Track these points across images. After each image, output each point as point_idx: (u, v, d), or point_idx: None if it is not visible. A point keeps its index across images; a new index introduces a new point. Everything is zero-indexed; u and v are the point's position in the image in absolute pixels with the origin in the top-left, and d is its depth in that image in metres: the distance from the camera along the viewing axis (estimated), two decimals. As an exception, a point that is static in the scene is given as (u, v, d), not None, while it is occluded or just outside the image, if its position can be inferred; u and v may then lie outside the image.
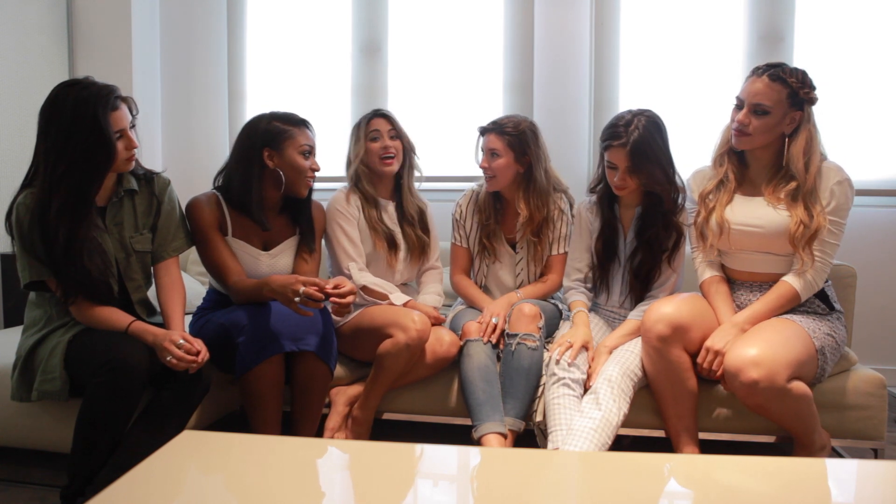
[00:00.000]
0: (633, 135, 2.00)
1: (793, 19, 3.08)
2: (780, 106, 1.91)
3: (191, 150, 3.61)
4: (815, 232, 1.89)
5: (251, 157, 2.07)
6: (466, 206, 2.40)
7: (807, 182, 1.91)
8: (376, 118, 2.33)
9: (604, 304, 2.28)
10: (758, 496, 1.27)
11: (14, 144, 3.01)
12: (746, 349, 1.80)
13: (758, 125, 1.92)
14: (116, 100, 1.78)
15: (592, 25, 3.25)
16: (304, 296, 1.83)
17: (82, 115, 1.73)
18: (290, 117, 2.13)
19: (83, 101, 1.73)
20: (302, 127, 2.12)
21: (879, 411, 2.01)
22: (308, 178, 2.12)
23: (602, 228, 2.20)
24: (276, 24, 3.55)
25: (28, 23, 3.13)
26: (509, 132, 2.24)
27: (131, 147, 1.82)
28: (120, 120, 1.79)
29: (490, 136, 2.27)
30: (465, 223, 2.39)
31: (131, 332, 1.77)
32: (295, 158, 2.08)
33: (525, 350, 2.07)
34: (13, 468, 2.12)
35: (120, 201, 1.90)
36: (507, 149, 2.24)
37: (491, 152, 2.26)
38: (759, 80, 1.93)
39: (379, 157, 2.31)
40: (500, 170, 2.25)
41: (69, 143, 1.73)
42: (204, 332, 2.05)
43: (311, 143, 2.13)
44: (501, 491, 1.30)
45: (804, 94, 1.91)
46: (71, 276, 1.75)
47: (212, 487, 1.32)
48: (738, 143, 1.98)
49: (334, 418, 2.17)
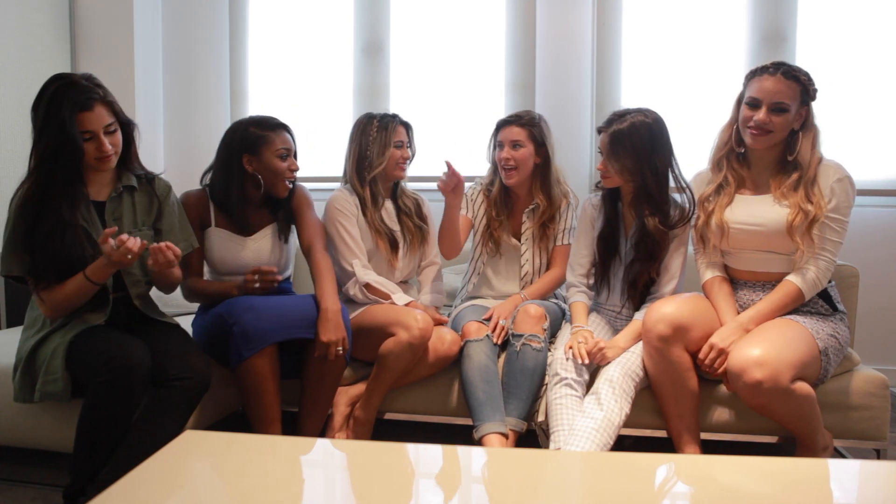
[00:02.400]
0: (620, 124, 2.04)
1: (795, 19, 3.07)
2: (795, 103, 1.93)
3: (192, 149, 3.61)
4: (814, 219, 1.89)
5: (231, 163, 2.16)
6: (476, 194, 2.45)
7: (808, 172, 1.93)
8: (401, 127, 2.35)
9: (604, 303, 2.28)
10: (760, 497, 1.27)
11: (16, 143, 3.02)
12: (750, 350, 1.80)
13: (779, 122, 1.93)
14: (90, 101, 1.77)
15: (594, 25, 3.24)
16: (251, 283, 2.04)
17: (53, 112, 1.76)
18: (266, 122, 2.17)
19: (56, 99, 1.76)
20: (279, 130, 2.17)
21: (882, 412, 2.01)
22: (286, 180, 2.18)
23: (604, 225, 2.20)
24: (279, 25, 3.56)
25: (31, 22, 3.14)
26: (530, 123, 2.32)
27: (101, 150, 1.80)
28: (91, 121, 1.78)
29: (512, 127, 2.33)
30: (475, 203, 2.43)
31: (90, 275, 1.78)
32: (272, 162, 2.14)
33: (530, 351, 2.07)
34: (16, 468, 2.12)
35: (119, 196, 1.93)
36: (529, 140, 2.31)
37: (513, 143, 2.31)
38: (772, 78, 1.92)
39: (396, 164, 2.33)
40: (522, 160, 2.31)
41: (41, 138, 1.78)
42: (203, 323, 2.11)
43: (289, 146, 2.17)
44: (502, 491, 1.30)
45: (812, 91, 1.95)
46: (46, 263, 1.78)
47: (212, 487, 1.32)
48: (757, 143, 1.97)
49: (336, 418, 2.17)
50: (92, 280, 1.79)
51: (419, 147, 2.45)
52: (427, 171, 3.10)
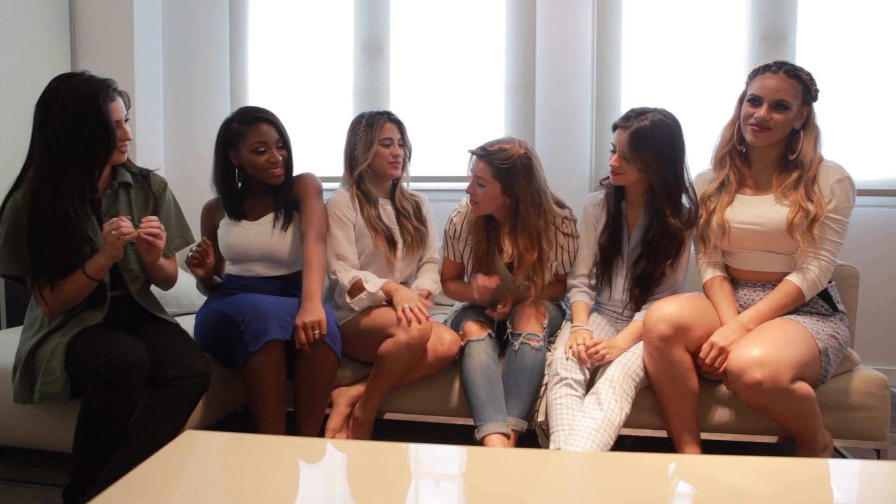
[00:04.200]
0: (641, 122, 2.02)
1: (795, 19, 3.07)
2: (797, 101, 1.94)
3: (192, 149, 3.61)
4: (815, 218, 1.90)
5: (221, 159, 2.23)
6: (461, 224, 2.29)
7: (809, 171, 1.93)
8: (390, 123, 2.31)
9: (606, 303, 2.27)
10: (760, 497, 1.27)
11: (17, 142, 3.02)
12: (750, 350, 1.80)
13: (779, 120, 1.94)
14: (114, 91, 1.84)
15: (594, 26, 3.24)
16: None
17: (86, 106, 1.77)
18: (245, 116, 2.19)
19: (86, 93, 1.78)
20: (255, 124, 2.17)
21: (882, 412, 2.01)
22: (267, 172, 2.18)
23: (607, 224, 2.20)
24: (279, 24, 3.55)
25: (31, 22, 3.14)
26: (498, 163, 2.09)
27: (125, 139, 1.88)
28: (117, 111, 1.84)
29: (479, 162, 2.12)
30: (459, 242, 2.30)
31: (90, 273, 1.79)
32: (249, 157, 2.18)
33: (529, 350, 2.07)
34: (16, 468, 2.12)
35: (115, 193, 1.94)
36: (494, 179, 2.10)
37: (477, 180, 2.13)
38: (774, 76, 1.94)
39: (387, 162, 2.30)
40: (484, 199, 2.14)
41: (72, 134, 1.77)
42: (206, 319, 2.11)
43: (265, 139, 2.16)
44: (503, 491, 1.30)
45: (814, 91, 1.95)
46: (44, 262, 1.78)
47: (212, 487, 1.32)
48: (757, 140, 1.98)
49: (335, 418, 2.17)
50: (90, 276, 1.79)
51: (419, 147, 2.43)
52: (428, 171, 3.10)
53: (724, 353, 1.89)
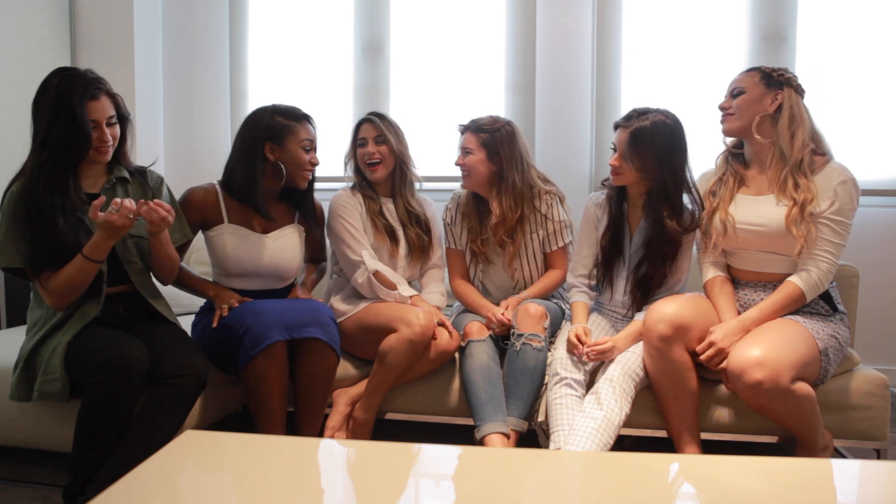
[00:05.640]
0: (642, 122, 2.04)
1: (795, 19, 3.07)
2: (755, 87, 2.01)
3: (192, 148, 3.61)
4: (804, 203, 1.90)
5: (254, 151, 2.12)
6: (455, 210, 2.42)
7: (793, 154, 1.95)
8: (364, 124, 2.37)
9: (607, 303, 2.27)
10: (760, 497, 1.27)
11: (17, 141, 3.02)
12: (750, 350, 1.80)
13: (737, 103, 2.03)
14: (98, 90, 1.82)
15: (594, 25, 3.24)
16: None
17: (62, 104, 1.77)
18: (292, 112, 2.17)
19: (64, 90, 1.78)
20: (304, 122, 2.17)
21: (882, 412, 2.01)
22: (307, 172, 2.18)
23: (608, 225, 2.20)
24: (279, 24, 3.56)
25: (31, 22, 3.14)
26: (484, 130, 2.29)
27: (103, 140, 1.84)
28: (97, 110, 1.82)
29: (466, 134, 2.33)
30: (456, 227, 2.41)
31: (88, 254, 1.76)
32: (296, 153, 2.14)
33: (530, 350, 2.07)
34: (15, 468, 2.12)
35: (112, 188, 1.94)
36: (480, 147, 2.28)
37: (465, 150, 2.31)
38: (740, 74, 2.08)
39: (365, 163, 2.34)
40: (471, 166, 2.29)
41: (49, 131, 1.78)
42: (205, 329, 2.08)
43: (312, 138, 2.18)
44: (502, 491, 1.29)
45: (777, 76, 2.00)
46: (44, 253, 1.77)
47: (212, 487, 1.32)
48: (726, 128, 2.08)
49: (335, 418, 2.17)
50: (90, 258, 1.77)
51: (419, 147, 2.44)
52: (428, 171, 3.08)
53: (723, 354, 1.89)
